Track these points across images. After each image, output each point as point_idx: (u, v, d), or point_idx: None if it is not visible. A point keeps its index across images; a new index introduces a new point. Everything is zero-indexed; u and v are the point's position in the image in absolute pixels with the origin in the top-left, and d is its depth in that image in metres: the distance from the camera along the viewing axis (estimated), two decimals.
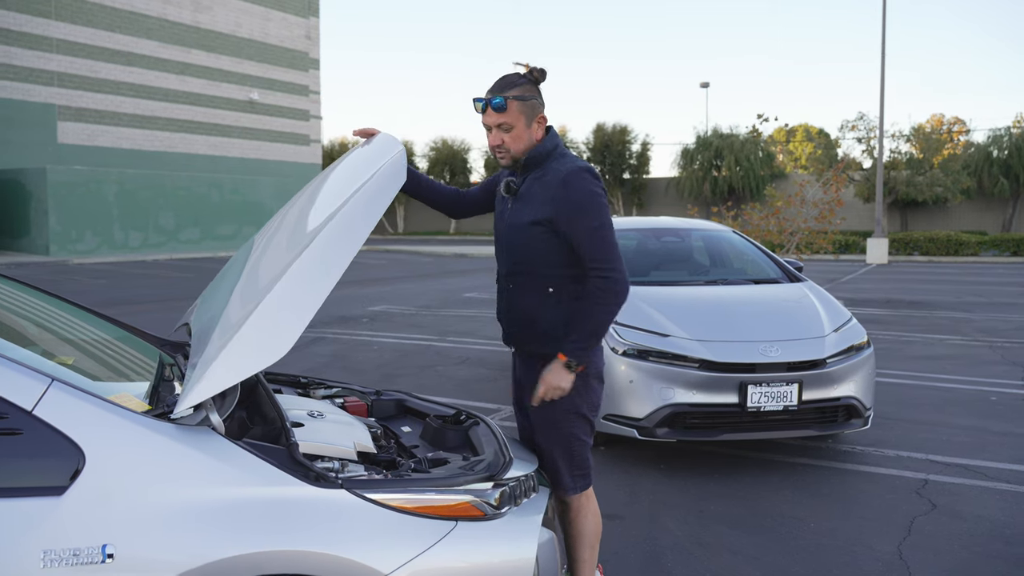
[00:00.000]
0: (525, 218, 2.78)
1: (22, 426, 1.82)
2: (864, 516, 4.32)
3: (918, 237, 27.14)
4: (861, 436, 5.66)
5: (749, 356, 4.93)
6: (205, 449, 1.96)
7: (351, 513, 2.01)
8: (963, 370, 8.04)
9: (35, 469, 1.82)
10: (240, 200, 31.67)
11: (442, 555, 2.07)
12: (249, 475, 1.96)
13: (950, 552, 3.85)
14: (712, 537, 4.05)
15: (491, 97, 2.74)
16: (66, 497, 1.81)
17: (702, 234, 7.09)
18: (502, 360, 8.69)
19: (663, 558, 3.81)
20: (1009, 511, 4.36)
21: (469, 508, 2.19)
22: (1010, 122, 40.41)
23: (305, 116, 36.19)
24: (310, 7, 36.23)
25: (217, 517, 1.88)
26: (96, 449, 1.85)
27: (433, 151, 49.99)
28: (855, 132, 35.34)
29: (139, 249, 27.65)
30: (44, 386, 1.88)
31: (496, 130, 2.76)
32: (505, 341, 2.97)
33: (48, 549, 1.76)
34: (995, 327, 10.87)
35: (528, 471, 2.51)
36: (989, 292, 15.46)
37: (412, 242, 40.63)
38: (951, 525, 4.17)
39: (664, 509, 4.42)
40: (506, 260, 2.87)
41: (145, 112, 30.20)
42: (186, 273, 20.66)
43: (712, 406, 4.89)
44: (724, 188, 41.40)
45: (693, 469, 5.09)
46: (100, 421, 1.90)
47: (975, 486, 4.75)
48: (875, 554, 3.83)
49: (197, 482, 1.91)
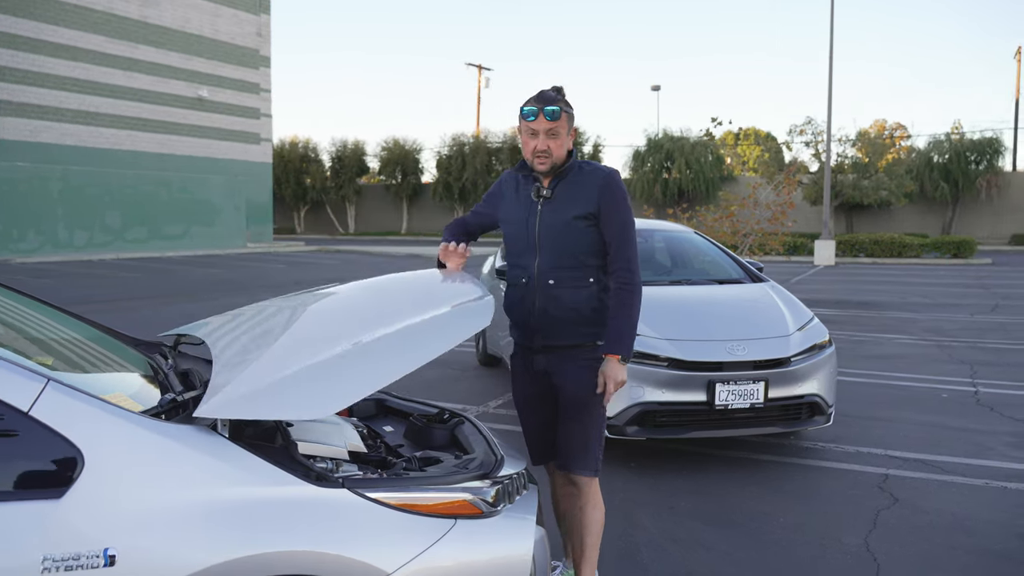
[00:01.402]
0: (567, 215, 3.03)
1: (19, 427, 1.78)
2: (830, 510, 4.43)
3: (863, 239, 27.75)
4: (822, 433, 5.79)
5: (717, 355, 5.01)
6: (206, 449, 1.94)
7: (353, 512, 2.00)
8: (914, 368, 8.26)
9: (33, 471, 1.78)
10: (189, 199, 31.09)
11: (443, 553, 2.07)
12: (251, 475, 1.94)
13: (915, 544, 3.97)
14: (685, 533, 4.11)
15: (547, 105, 2.97)
16: (65, 500, 1.76)
17: (665, 235, 7.18)
18: (464, 360, 8.69)
19: (639, 554, 3.85)
20: (967, 504, 4.50)
21: (467, 506, 2.19)
22: (949, 128, 41.55)
23: (255, 114, 35.62)
24: (261, 4, 35.70)
25: (220, 518, 1.86)
26: (95, 450, 1.81)
27: (385, 151, 49.60)
28: (803, 136, 36.04)
29: (84, 248, 26.98)
30: (40, 386, 1.84)
31: (544, 136, 2.99)
32: (534, 342, 3.09)
33: (48, 554, 1.71)
34: (941, 327, 11.18)
35: (519, 468, 2.53)
36: (933, 293, 15.90)
37: (363, 242, 40.30)
38: (914, 518, 4.30)
39: (636, 507, 4.47)
40: (547, 258, 3.04)
41: (90, 108, 29.42)
42: (134, 273, 20.23)
43: (681, 404, 4.97)
44: (675, 190, 41.87)
45: (661, 467, 5.16)
46: (98, 421, 1.86)
47: (934, 480, 4.89)
48: (844, 547, 3.93)
49: (199, 483, 1.88)
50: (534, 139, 3.01)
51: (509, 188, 3.21)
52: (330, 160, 50.75)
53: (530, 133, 3.01)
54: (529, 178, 3.14)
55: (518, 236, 3.12)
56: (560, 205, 3.05)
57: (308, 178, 50.44)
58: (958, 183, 37.52)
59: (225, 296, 15.39)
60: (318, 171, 50.42)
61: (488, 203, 3.28)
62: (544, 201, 3.07)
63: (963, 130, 39.03)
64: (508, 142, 46.33)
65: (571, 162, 3.08)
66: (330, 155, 50.74)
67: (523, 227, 3.10)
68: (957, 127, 39.15)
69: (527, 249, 3.08)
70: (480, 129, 48.87)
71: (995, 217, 38.27)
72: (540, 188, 3.09)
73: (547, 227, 3.05)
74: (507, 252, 3.23)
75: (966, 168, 37.55)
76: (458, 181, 46.51)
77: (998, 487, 4.76)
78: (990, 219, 38.35)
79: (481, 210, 3.30)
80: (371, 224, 51.50)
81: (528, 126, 3.01)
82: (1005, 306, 13.58)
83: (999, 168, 38.11)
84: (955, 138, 38.50)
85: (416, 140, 52.66)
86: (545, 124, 2.97)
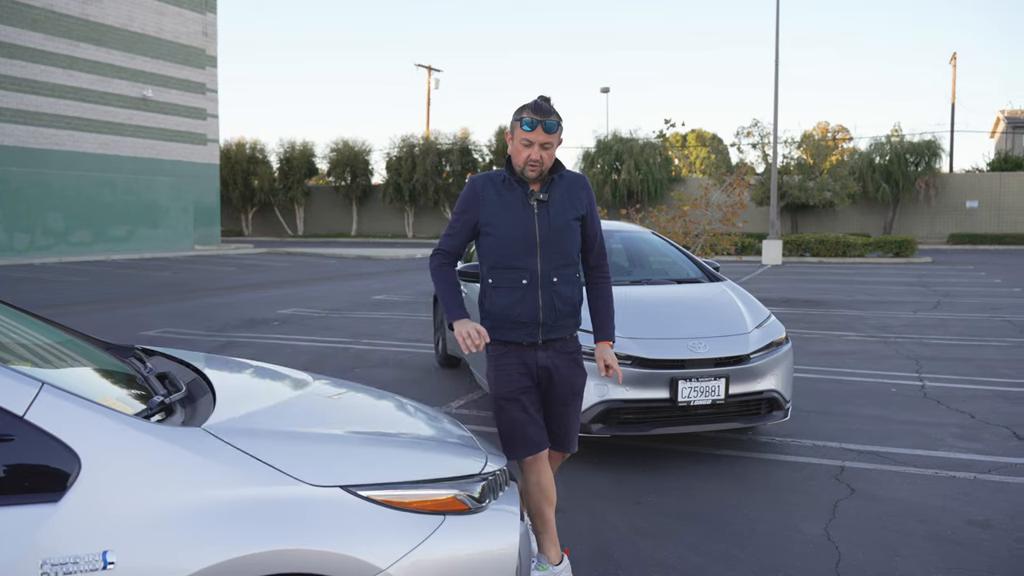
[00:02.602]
0: (567, 216, 3.27)
1: (14, 432, 1.77)
2: (790, 502, 4.56)
3: (809, 239, 28.36)
4: (779, 428, 5.95)
5: (679, 352, 5.12)
6: (200, 451, 1.95)
7: (346, 511, 2.03)
8: (863, 364, 8.51)
9: (29, 476, 1.77)
10: (134, 201, 30.48)
11: (434, 548, 2.11)
12: (246, 475, 1.95)
13: (872, 532, 4.11)
14: (652, 527, 4.20)
15: (546, 119, 3.14)
16: (63, 503, 1.76)
17: (623, 236, 7.28)
18: (421, 363, 8.71)
19: (609, 548, 3.93)
20: (919, 493, 4.68)
21: (455, 502, 2.24)
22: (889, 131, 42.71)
23: (202, 115, 35.04)
24: (207, 3, 35.12)
25: (216, 518, 1.87)
26: (91, 453, 1.81)
27: (334, 152, 49.18)
28: (750, 138, 36.68)
29: (25, 252, 26.28)
30: (35, 390, 1.83)
31: (538, 147, 3.16)
32: (537, 338, 3.25)
33: (47, 558, 1.71)
34: (887, 324, 11.51)
35: (502, 465, 2.58)
36: (877, 291, 16.34)
37: (313, 244, 39.93)
38: (870, 507, 4.45)
39: (603, 502, 4.56)
40: (552, 258, 3.24)
41: (29, 107, 28.64)
42: (81, 277, 19.79)
43: (645, 401, 5.06)
44: (624, 191, 42.30)
45: (626, 463, 5.25)
46: (94, 424, 1.86)
47: (887, 471, 5.06)
48: (805, 537, 4.06)
49: (195, 484, 1.89)
50: (528, 149, 3.16)
51: (489, 192, 3.27)
52: (278, 161, 50.14)
53: (525, 143, 3.16)
54: (511, 182, 3.25)
55: (514, 239, 3.21)
56: (557, 208, 3.25)
57: (256, 180, 49.74)
58: (899, 184, 38.67)
59: (177, 300, 15.16)
60: (266, 172, 49.77)
61: (468, 212, 3.30)
62: (540, 204, 3.23)
63: (903, 133, 40.18)
64: (458, 143, 46.28)
65: (558, 167, 3.27)
66: (278, 156, 50.14)
67: (521, 230, 3.21)
68: (897, 130, 40.28)
69: (526, 251, 3.21)
70: (430, 130, 48.74)
71: (933, 217, 39.48)
72: (534, 192, 3.24)
73: (547, 229, 3.22)
74: (495, 255, 3.27)
75: (906, 170, 38.70)
76: (408, 182, 46.32)
77: (947, 476, 4.95)
78: (929, 219, 39.54)
79: (460, 227, 3.32)
80: (320, 226, 51.02)
81: (525, 136, 3.15)
82: (946, 303, 14.02)
83: (937, 170, 39.37)
84: (895, 140, 39.62)
85: (366, 141, 52.48)
86: (542, 137, 3.14)
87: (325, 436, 2.28)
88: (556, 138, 3.18)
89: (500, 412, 3.28)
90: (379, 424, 2.63)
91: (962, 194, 39.26)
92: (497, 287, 3.26)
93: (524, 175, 3.21)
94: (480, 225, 3.28)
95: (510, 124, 3.24)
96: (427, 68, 51.26)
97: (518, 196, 3.23)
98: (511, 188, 3.25)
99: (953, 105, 44.98)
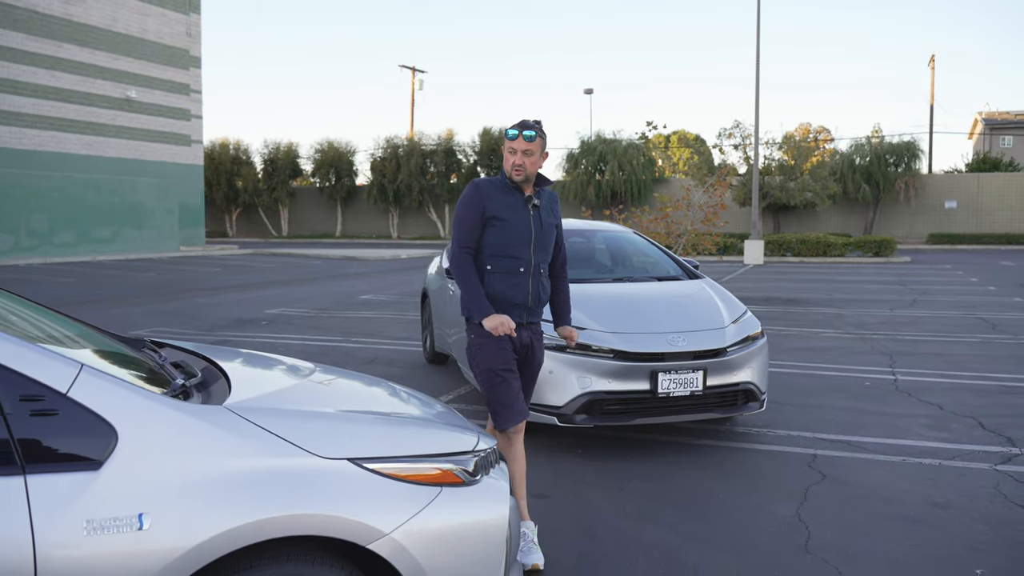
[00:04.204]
0: (552, 221, 3.98)
1: (59, 407, 1.98)
2: (764, 487, 4.80)
3: (790, 239, 28.71)
4: (755, 419, 6.19)
5: (659, 346, 5.35)
6: (223, 426, 2.16)
7: (353, 481, 2.24)
8: (839, 359, 8.78)
9: (73, 446, 1.97)
10: (119, 202, 30.49)
11: (432, 516, 2.32)
12: (264, 448, 2.16)
13: (840, 513, 4.36)
14: (634, 510, 4.43)
15: (525, 130, 3.76)
16: (103, 471, 1.97)
17: (606, 235, 7.52)
18: (410, 359, 8.91)
19: (593, 528, 4.16)
20: (886, 477, 4.93)
21: (450, 476, 2.45)
22: (869, 131, 43.24)
23: (186, 116, 35.03)
24: (190, 3, 35.13)
25: (238, 486, 2.08)
26: (127, 427, 2.02)
27: (319, 153, 49.22)
28: (732, 139, 37.07)
29: (10, 253, 26.26)
30: (75, 370, 2.04)
31: (521, 154, 3.77)
32: (523, 319, 3.87)
33: (90, 518, 1.92)
34: (863, 321, 11.81)
35: (492, 444, 2.79)
36: (856, 290, 16.67)
37: (298, 245, 40.01)
38: (840, 491, 4.70)
39: (587, 488, 4.78)
40: (540, 253, 3.91)
41: (11, 108, 28.56)
42: (66, 278, 19.84)
43: (626, 393, 5.29)
44: (608, 192, 42.61)
45: (609, 452, 5.48)
46: (129, 401, 2.07)
47: (857, 458, 5.31)
48: (778, 518, 4.30)
49: (219, 455, 2.10)
50: (513, 155, 3.80)
51: (493, 192, 3.85)
52: (262, 162, 50.15)
53: (510, 151, 3.81)
54: (509, 187, 3.87)
55: (516, 233, 3.82)
56: (544, 214, 3.93)
57: (240, 180, 49.73)
58: (879, 185, 39.19)
59: (164, 300, 15.28)
60: (250, 173, 49.78)
61: (477, 207, 3.81)
62: (534, 208, 3.88)
63: (883, 134, 40.70)
64: (442, 144, 46.43)
65: (544, 181, 3.92)
66: (262, 157, 50.15)
67: (524, 227, 3.84)
68: (877, 131, 40.80)
69: (523, 245, 3.84)
70: (414, 131, 48.90)
71: (913, 217, 40.04)
72: (531, 198, 3.88)
73: (539, 228, 3.90)
74: (499, 244, 3.82)
75: (886, 171, 39.22)
76: (392, 183, 46.45)
77: (914, 463, 5.21)
78: (908, 219, 40.10)
79: (473, 221, 3.82)
80: (305, 227, 51.06)
81: (510, 144, 3.81)
82: (922, 301, 14.36)
83: (917, 171, 39.89)
84: (875, 142, 40.15)
85: (350, 142, 52.49)
86: (523, 145, 3.77)
87: (334, 414, 2.50)
88: (537, 147, 3.77)
89: (496, 384, 3.80)
90: (380, 406, 2.85)
91: (941, 195, 39.84)
92: (496, 272, 3.82)
93: (512, 179, 3.82)
94: (487, 217, 3.80)
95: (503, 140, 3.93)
96: (411, 69, 51.41)
97: (518, 198, 3.85)
98: (511, 191, 3.86)
99: (932, 107, 45.57)
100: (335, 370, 3.28)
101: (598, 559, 3.82)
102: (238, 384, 2.58)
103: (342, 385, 3.00)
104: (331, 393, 2.86)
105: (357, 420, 2.52)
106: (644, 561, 3.79)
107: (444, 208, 47.05)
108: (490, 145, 45.38)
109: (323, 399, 2.74)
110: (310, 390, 2.78)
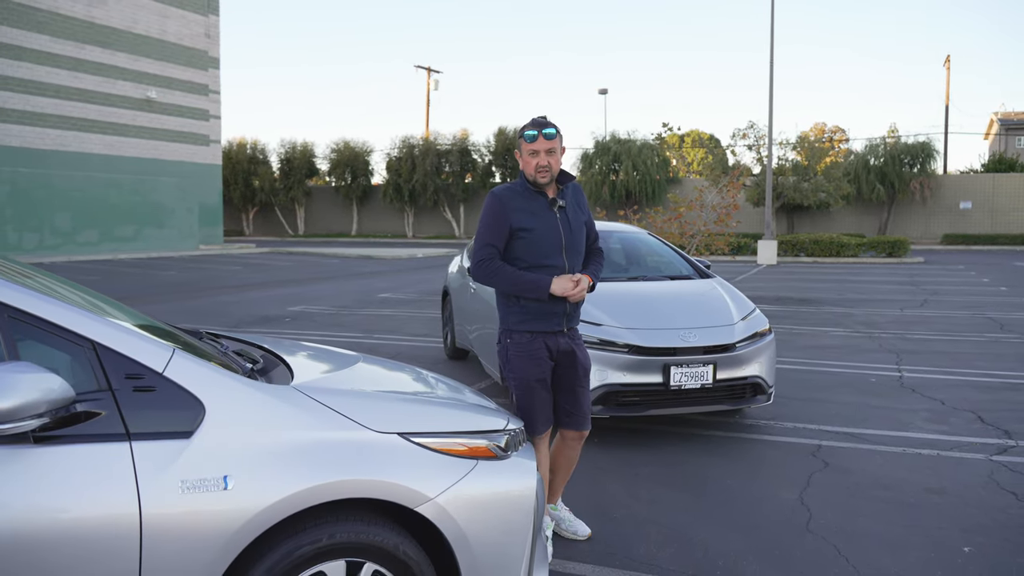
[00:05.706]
0: (581, 218, 3.86)
1: (156, 385, 2.31)
2: (770, 474, 5.10)
3: (804, 239, 28.88)
4: (763, 411, 6.48)
5: (671, 341, 5.65)
6: (292, 403, 2.49)
7: (402, 452, 2.56)
8: (847, 357, 9.05)
9: (169, 418, 2.30)
10: (140, 201, 31.00)
11: (469, 485, 2.64)
12: (326, 422, 2.49)
13: (841, 498, 4.65)
14: (647, 493, 4.74)
15: (545, 128, 3.65)
16: (193, 439, 2.30)
17: (621, 236, 7.81)
18: (431, 355, 9.23)
19: (608, 508, 4.47)
20: (887, 466, 5.22)
21: (485, 451, 2.77)
22: (885, 132, 43.29)
23: (204, 116, 35.54)
24: (209, 5, 35.64)
25: (304, 454, 2.40)
26: (214, 403, 2.35)
27: (335, 153, 49.69)
28: (746, 140, 37.26)
29: (35, 251, 26.81)
30: (169, 353, 2.37)
31: (544, 154, 3.66)
32: (562, 326, 3.79)
33: (184, 479, 2.25)
34: (873, 320, 12.06)
35: (520, 426, 3.10)
36: (868, 290, 16.88)
37: (314, 244, 40.45)
38: (841, 478, 4.99)
39: (603, 474, 5.09)
40: (573, 256, 3.80)
41: (35, 109, 29.11)
42: (91, 276, 20.29)
43: (640, 385, 5.59)
44: (622, 192, 42.83)
45: (624, 441, 5.79)
46: (215, 381, 2.40)
47: (859, 448, 5.60)
48: (782, 502, 4.60)
49: (289, 427, 2.43)
50: (535, 157, 3.67)
51: (516, 201, 3.72)
52: (279, 162, 50.66)
53: (531, 153, 3.67)
54: (531, 192, 3.74)
55: (545, 240, 3.69)
56: (572, 213, 3.80)
57: (257, 180, 50.24)
58: (893, 185, 39.25)
59: (188, 298, 15.68)
60: (267, 173, 50.29)
61: (501, 218, 3.68)
62: (560, 210, 3.76)
63: (898, 134, 40.74)
64: (457, 144, 46.79)
65: (567, 177, 3.80)
66: (279, 157, 50.66)
67: (552, 233, 3.71)
68: (893, 131, 40.83)
69: (555, 252, 3.72)
70: (429, 131, 49.27)
71: (928, 218, 40.08)
72: (556, 200, 3.76)
73: (573, 231, 3.79)
74: (530, 255, 3.69)
75: (900, 171, 39.25)
76: (408, 183, 46.85)
77: (914, 453, 5.49)
78: (923, 220, 40.14)
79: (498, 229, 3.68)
80: (321, 226, 51.56)
81: (530, 147, 3.67)
82: (933, 301, 14.57)
83: (932, 171, 39.90)
84: (890, 142, 40.20)
85: (366, 142, 52.98)
86: (545, 144, 3.65)
87: (385, 394, 2.84)
88: (557, 144, 3.68)
89: (528, 393, 3.75)
90: (422, 388, 3.17)
91: (956, 195, 39.87)
92: None
93: (537, 182, 3.69)
94: (513, 230, 3.67)
95: (517, 144, 3.77)
96: (427, 69, 51.78)
97: (542, 203, 3.72)
98: (533, 197, 3.72)
99: (947, 107, 45.54)
100: (378, 359, 3.61)
101: (615, 537, 4.13)
102: (298, 368, 2.91)
103: (386, 371, 3.34)
104: (379, 377, 3.20)
105: (405, 400, 2.85)
106: (657, 538, 4.10)
107: (459, 208, 47.43)
108: (505, 145, 45.70)
109: (373, 382, 3.07)
110: (361, 373, 3.11)
